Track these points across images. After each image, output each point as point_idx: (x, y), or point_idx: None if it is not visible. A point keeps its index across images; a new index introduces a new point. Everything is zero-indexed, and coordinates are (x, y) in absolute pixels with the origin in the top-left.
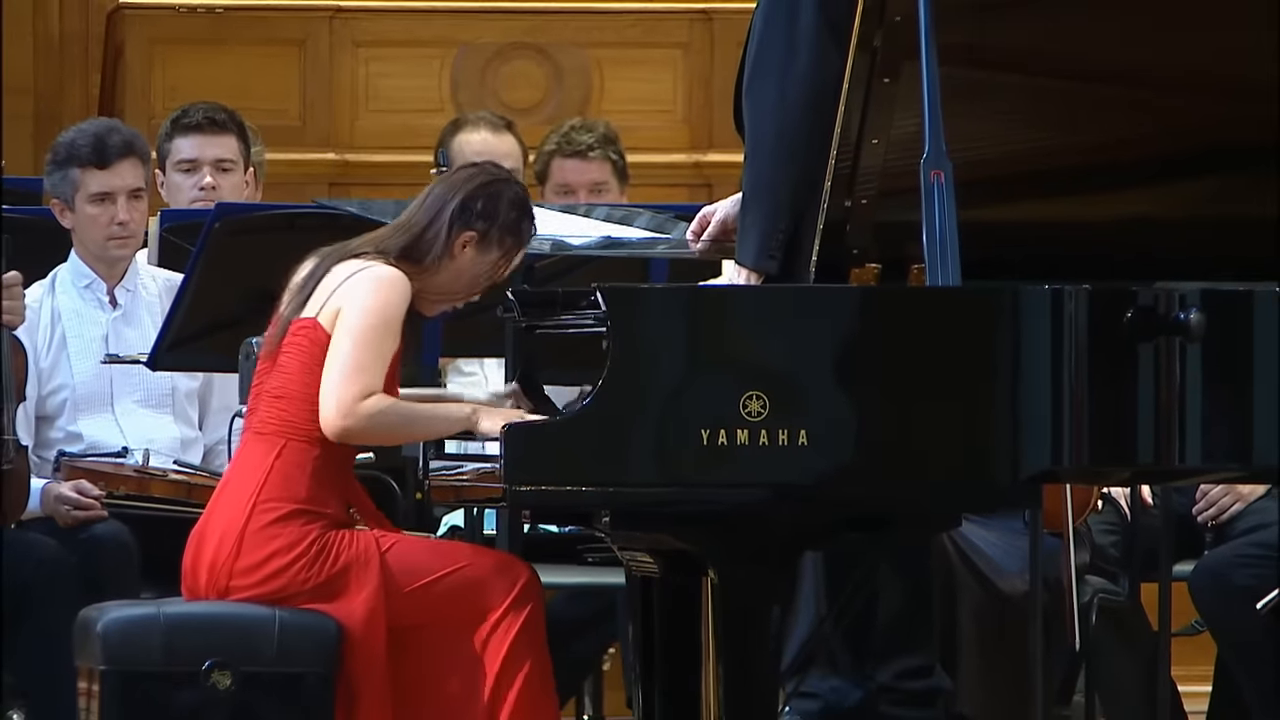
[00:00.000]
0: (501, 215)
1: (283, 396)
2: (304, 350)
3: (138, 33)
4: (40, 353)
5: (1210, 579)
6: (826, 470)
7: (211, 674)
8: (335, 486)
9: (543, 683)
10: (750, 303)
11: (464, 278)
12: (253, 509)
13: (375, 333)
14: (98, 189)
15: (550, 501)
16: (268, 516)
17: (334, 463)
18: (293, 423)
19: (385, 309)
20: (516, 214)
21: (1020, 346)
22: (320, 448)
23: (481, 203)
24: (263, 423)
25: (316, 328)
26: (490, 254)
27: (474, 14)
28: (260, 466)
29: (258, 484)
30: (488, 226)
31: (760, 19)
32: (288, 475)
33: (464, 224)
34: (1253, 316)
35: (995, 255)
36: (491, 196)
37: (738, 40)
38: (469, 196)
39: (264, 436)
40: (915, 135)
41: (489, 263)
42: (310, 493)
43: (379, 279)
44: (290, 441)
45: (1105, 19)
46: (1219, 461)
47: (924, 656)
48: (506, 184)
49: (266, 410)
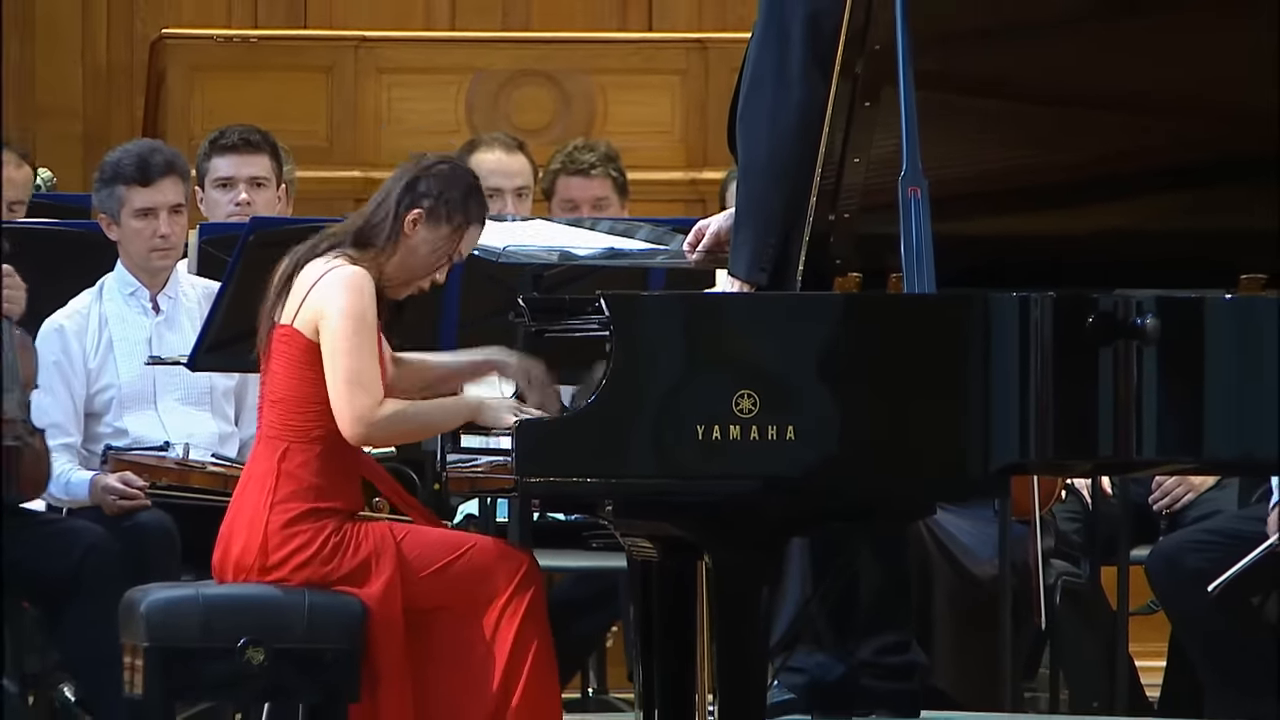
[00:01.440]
0: (446, 191)
1: (278, 401)
2: (288, 356)
3: (178, 61)
4: (89, 354)
5: (1165, 563)
6: (812, 463)
7: (246, 650)
8: (342, 477)
9: (546, 658)
10: (742, 308)
11: (419, 255)
12: (270, 511)
13: (359, 337)
14: (141, 205)
15: (557, 492)
16: (284, 517)
17: (337, 456)
18: (291, 425)
19: (359, 310)
20: (461, 190)
21: (990, 349)
22: (321, 445)
23: (425, 182)
24: (268, 426)
25: (295, 335)
26: (440, 229)
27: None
28: (269, 470)
29: (270, 487)
30: (434, 203)
31: (753, 49)
32: (294, 476)
33: (411, 203)
34: (1203, 321)
35: (967, 265)
36: (435, 176)
37: (731, 68)
38: (414, 178)
39: (269, 440)
40: (894, 154)
41: (441, 238)
42: (318, 490)
43: (345, 282)
44: (291, 444)
45: (1070, 48)
46: (1173, 454)
47: (901, 634)
48: (450, 165)
49: (268, 414)
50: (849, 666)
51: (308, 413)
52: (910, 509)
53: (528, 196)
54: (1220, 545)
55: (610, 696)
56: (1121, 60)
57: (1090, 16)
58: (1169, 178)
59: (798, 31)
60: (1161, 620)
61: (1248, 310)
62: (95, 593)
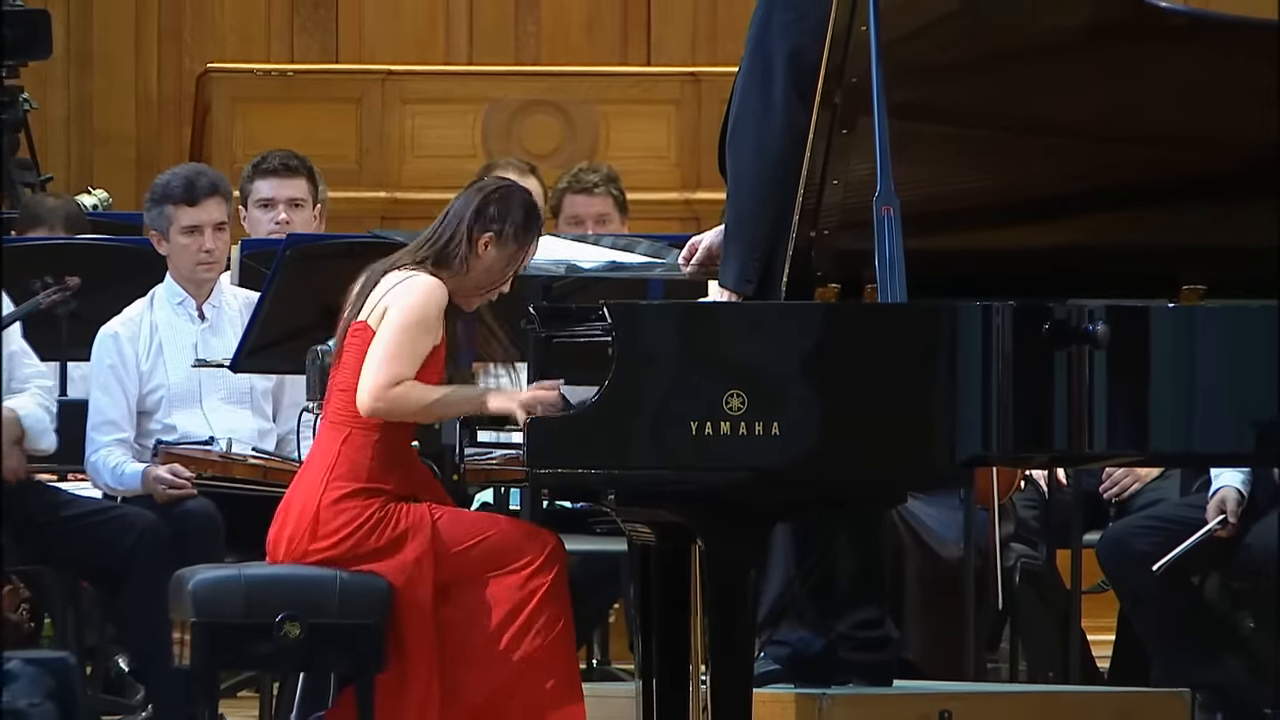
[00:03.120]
0: (512, 215)
1: (346, 390)
2: (359, 349)
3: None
4: (141, 358)
5: (1114, 546)
6: (796, 457)
7: (283, 625)
8: (395, 465)
9: (566, 632)
10: (732, 316)
11: (492, 272)
12: (325, 487)
13: (409, 330)
14: (188, 222)
15: (565, 482)
16: (336, 493)
17: (393, 446)
18: (355, 412)
19: (422, 309)
20: (524, 212)
21: (956, 353)
22: (380, 434)
23: (494, 208)
24: (334, 412)
25: (367, 329)
26: (508, 248)
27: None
28: (331, 451)
29: (329, 466)
30: (502, 226)
31: (740, 81)
32: (352, 459)
33: (482, 228)
34: (1148, 328)
35: (935, 277)
36: (501, 200)
37: (721, 98)
38: (483, 204)
39: (334, 425)
40: (869, 177)
41: (508, 255)
42: (371, 473)
43: (418, 285)
44: (354, 430)
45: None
46: (1121, 448)
47: (876, 610)
48: (512, 189)
49: (335, 402)
50: (828, 640)
51: None
52: (883, 497)
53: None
54: (1164, 530)
55: (613, 667)
56: (1072, 92)
57: (1043, 54)
58: (1116, 197)
59: (781, 66)
60: (1111, 598)
61: (1188, 318)
62: (147, 573)
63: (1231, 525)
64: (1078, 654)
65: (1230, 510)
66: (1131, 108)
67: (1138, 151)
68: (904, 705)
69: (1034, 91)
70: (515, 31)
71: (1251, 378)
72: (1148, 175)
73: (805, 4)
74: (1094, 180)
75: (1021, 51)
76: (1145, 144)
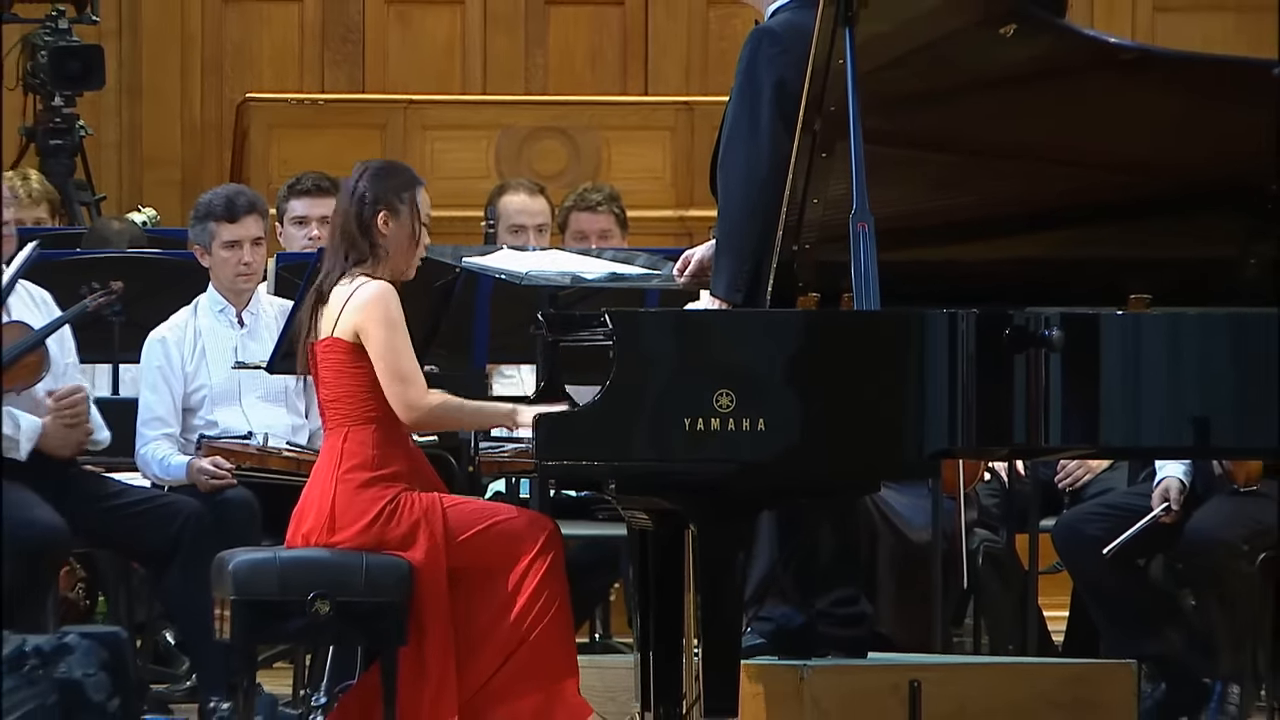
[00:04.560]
0: (384, 183)
1: (334, 400)
2: (334, 361)
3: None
4: (186, 360)
5: (1068, 531)
6: (779, 450)
7: (314, 603)
8: (396, 447)
9: (563, 610)
10: (722, 322)
11: (403, 240)
12: (337, 483)
13: (398, 339)
14: (228, 238)
15: (570, 473)
16: (349, 488)
17: (389, 431)
18: (347, 414)
19: (390, 317)
20: (390, 173)
21: (924, 355)
22: (375, 424)
23: (366, 190)
24: (329, 420)
25: (338, 342)
26: (402, 212)
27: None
28: (334, 451)
29: (335, 464)
30: (382, 197)
31: (730, 110)
32: (354, 453)
33: (371, 211)
34: (1099, 333)
35: (907, 286)
36: (368, 180)
37: (712, 125)
38: (356, 195)
39: (331, 431)
40: (846, 196)
41: (407, 219)
42: (375, 460)
43: (373, 296)
44: (350, 429)
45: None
46: (1074, 442)
47: (852, 589)
48: (367, 167)
49: (327, 412)
50: (809, 616)
51: (360, 399)
52: (859, 487)
53: (546, 231)
54: (1113, 517)
55: (613, 641)
56: (1029, 120)
57: (1002, 86)
58: (1070, 215)
59: (767, 96)
60: (1065, 578)
61: (1135, 325)
62: (191, 556)
63: (1174, 512)
64: (1035, 629)
65: (1173, 498)
66: (1082, 135)
67: (1089, 174)
68: (877, 675)
69: (994, 119)
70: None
71: (1191, 379)
72: (1098, 196)
73: (789, 39)
74: (1050, 200)
75: (983, 83)
76: (1095, 168)
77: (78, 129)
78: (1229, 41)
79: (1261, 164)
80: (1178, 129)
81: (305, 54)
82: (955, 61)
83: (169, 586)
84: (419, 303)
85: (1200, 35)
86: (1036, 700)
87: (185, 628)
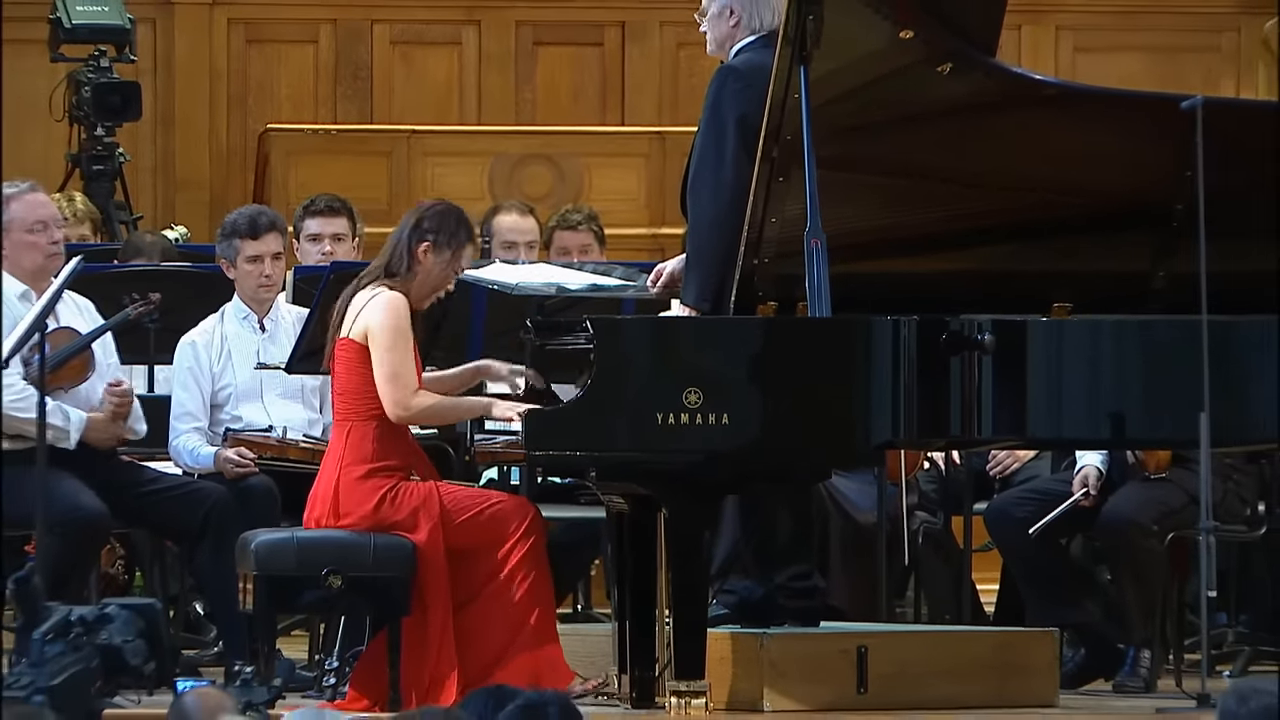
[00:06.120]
0: (445, 225)
1: (343, 393)
2: (347, 360)
3: (279, 147)
4: (213, 362)
5: (998, 514)
6: (742, 441)
7: (328, 577)
8: (395, 443)
9: (544, 585)
10: (691, 328)
11: (433, 275)
12: (340, 473)
13: (395, 348)
14: (251, 253)
15: (555, 462)
16: (351, 477)
17: (389, 429)
18: (353, 409)
19: (394, 325)
20: (454, 222)
21: (870, 357)
22: (376, 421)
23: (428, 221)
24: (337, 412)
25: (351, 343)
26: (444, 254)
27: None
28: (340, 444)
29: (339, 456)
30: (436, 235)
31: (699, 139)
32: (358, 446)
33: (419, 239)
34: (1026, 337)
35: (855, 296)
36: (433, 215)
37: (682, 153)
38: (419, 220)
39: (339, 423)
40: (801, 216)
41: (445, 261)
42: (377, 454)
43: (383, 304)
44: (355, 423)
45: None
46: (1004, 435)
47: (806, 565)
48: (445, 207)
49: (337, 404)
50: (768, 589)
51: (365, 397)
52: (813, 474)
53: (536, 247)
54: (1038, 501)
55: (594, 611)
56: (965, 147)
57: (940, 118)
58: (1000, 233)
59: (732, 127)
60: (995, 556)
61: (1058, 330)
62: (218, 535)
63: (1092, 497)
64: (969, 600)
65: (1091, 484)
66: (1011, 161)
67: (1017, 196)
68: (829, 642)
69: (934, 147)
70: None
71: (1107, 378)
72: (1026, 215)
73: (752, 76)
74: (983, 219)
75: (924, 115)
76: (1023, 190)
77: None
78: (1141, 79)
79: (1168, 188)
80: (1096, 156)
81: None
82: (898, 96)
83: (198, 563)
84: (424, 310)
85: (1116, 73)
86: (970, 663)
87: (213, 600)
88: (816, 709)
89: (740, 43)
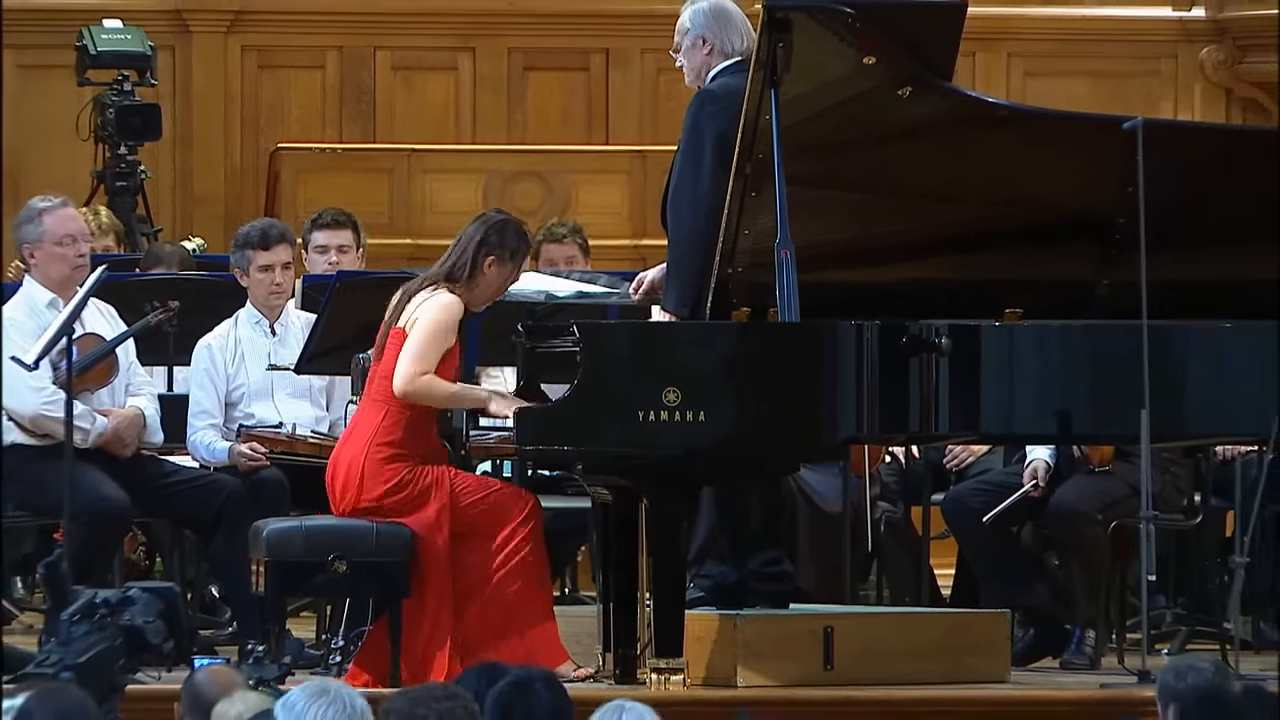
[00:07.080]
0: (508, 241)
1: (387, 377)
2: (396, 348)
3: (289, 164)
4: (228, 363)
5: (954, 504)
6: (717, 437)
7: (333, 563)
8: (422, 435)
9: (542, 569)
10: (670, 332)
11: (493, 285)
12: (369, 449)
13: (432, 335)
14: (263, 263)
15: (545, 456)
16: (379, 457)
17: (420, 420)
18: (393, 395)
19: (441, 320)
20: (517, 238)
21: (836, 359)
22: (410, 410)
23: (495, 236)
24: (376, 392)
25: (403, 334)
26: (506, 266)
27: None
28: (373, 422)
29: (372, 433)
30: (501, 250)
31: (678, 157)
32: (388, 430)
33: (486, 252)
34: (980, 341)
35: (821, 302)
36: (500, 230)
37: (663, 170)
38: (486, 233)
39: (375, 402)
40: (772, 228)
41: (506, 271)
42: (404, 441)
43: (440, 301)
44: (390, 408)
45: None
46: (959, 431)
47: (777, 552)
48: (508, 221)
49: (378, 385)
50: (742, 574)
51: None
52: (783, 467)
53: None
54: (992, 492)
55: (580, 594)
56: (924, 164)
57: (901, 137)
58: (955, 244)
59: (709, 145)
60: (952, 543)
61: (1009, 334)
62: (232, 524)
63: (1041, 488)
64: (927, 584)
65: (1040, 476)
66: (966, 177)
67: (971, 210)
68: (798, 623)
69: (895, 164)
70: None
71: (1055, 379)
72: (979, 228)
73: (727, 99)
74: (939, 231)
75: (886, 135)
76: (977, 204)
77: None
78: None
79: (1111, 203)
80: (1045, 172)
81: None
82: (862, 117)
83: (213, 550)
84: None
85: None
86: (928, 643)
87: (227, 584)
88: (786, 685)
89: (715, 68)
